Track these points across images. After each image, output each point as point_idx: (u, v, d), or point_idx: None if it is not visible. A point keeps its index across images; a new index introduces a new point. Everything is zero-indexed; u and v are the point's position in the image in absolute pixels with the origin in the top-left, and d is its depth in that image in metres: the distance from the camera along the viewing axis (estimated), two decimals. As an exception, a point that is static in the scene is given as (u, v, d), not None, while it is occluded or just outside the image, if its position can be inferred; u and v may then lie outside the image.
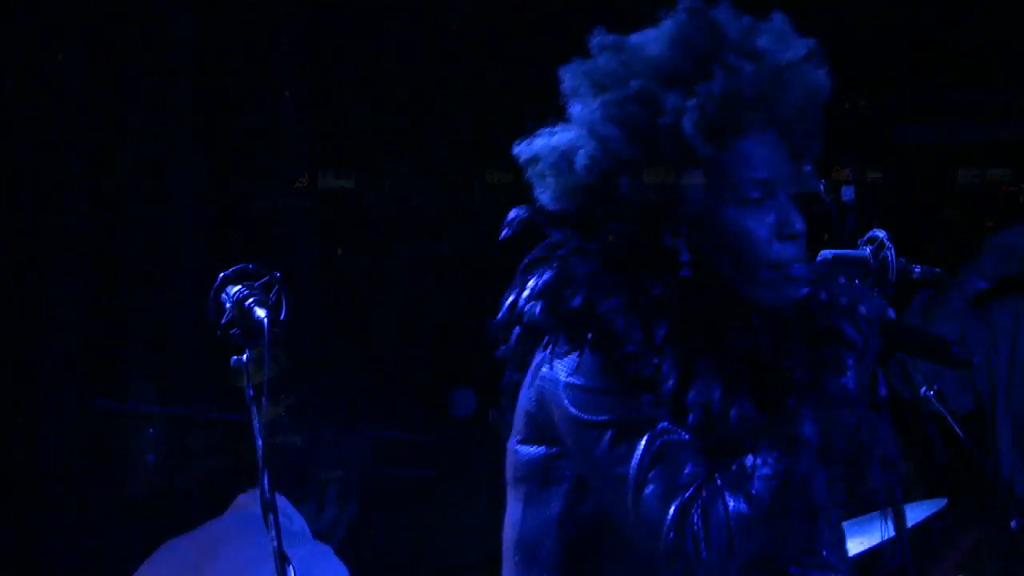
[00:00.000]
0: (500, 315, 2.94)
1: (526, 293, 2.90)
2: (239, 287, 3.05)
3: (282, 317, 3.00)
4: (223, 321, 3.03)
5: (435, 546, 7.18)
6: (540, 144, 2.95)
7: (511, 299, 2.94)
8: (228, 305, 3.03)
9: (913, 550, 3.45)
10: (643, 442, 2.76)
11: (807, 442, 2.78)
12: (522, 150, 2.97)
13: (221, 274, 3.08)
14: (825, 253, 3.09)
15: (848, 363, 2.83)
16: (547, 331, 2.87)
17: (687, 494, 2.73)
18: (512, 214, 2.99)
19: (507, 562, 3.00)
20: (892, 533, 3.38)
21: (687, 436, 2.77)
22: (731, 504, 2.72)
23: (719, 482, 2.74)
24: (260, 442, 2.94)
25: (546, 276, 2.88)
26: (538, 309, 2.87)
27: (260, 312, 3.00)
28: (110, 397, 5.63)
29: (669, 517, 2.72)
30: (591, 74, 2.93)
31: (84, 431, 5.99)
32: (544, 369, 2.88)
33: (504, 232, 2.99)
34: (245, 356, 2.99)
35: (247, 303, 3.02)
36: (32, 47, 6.03)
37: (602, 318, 2.80)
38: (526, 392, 2.95)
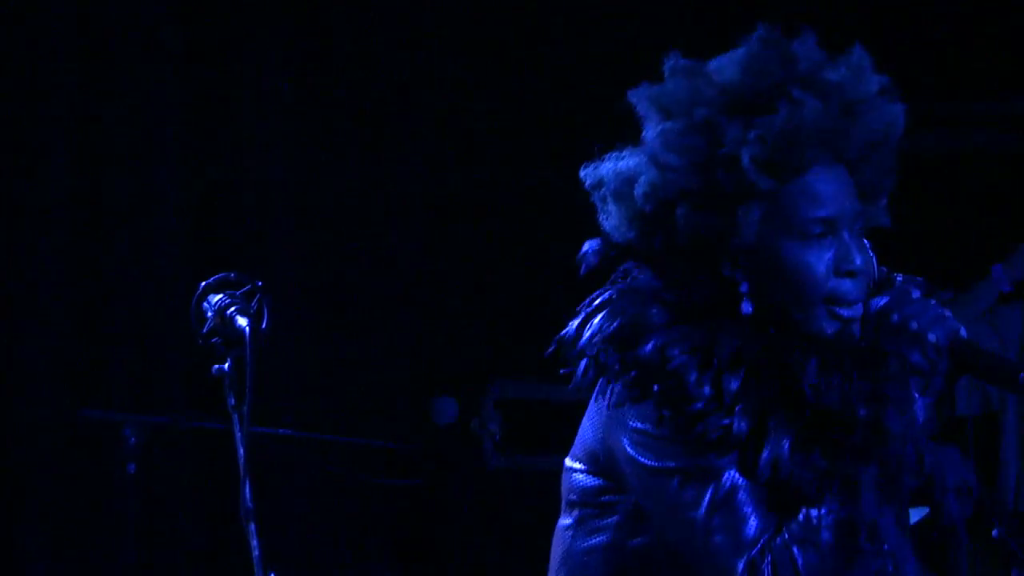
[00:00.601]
0: (568, 337, 2.89)
1: (590, 332, 2.86)
2: (221, 296, 3.05)
3: (264, 326, 3.00)
4: (204, 330, 3.03)
5: (423, 555, 7.18)
6: (606, 168, 2.90)
7: (577, 326, 2.89)
8: (210, 314, 3.03)
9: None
10: (711, 489, 2.76)
11: (872, 484, 2.76)
12: (588, 173, 2.92)
13: (203, 283, 3.07)
14: None
15: (913, 395, 2.80)
16: (614, 375, 2.84)
17: (755, 550, 2.73)
18: (586, 247, 2.95)
19: (552, 573, 3.00)
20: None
21: (754, 484, 2.76)
22: (800, 558, 2.72)
23: (787, 535, 2.73)
24: (242, 451, 2.93)
25: (617, 322, 2.83)
26: (608, 350, 2.83)
27: (242, 321, 3.00)
28: (93, 406, 5.60)
29: (739, 573, 2.72)
30: (658, 99, 2.89)
31: (67, 440, 5.96)
32: (609, 409, 2.85)
33: (583, 268, 2.94)
34: (227, 365, 2.99)
35: (229, 312, 3.01)
36: (14, 49, 6.01)
37: (672, 374, 2.78)
38: (591, 425, 2.93)
